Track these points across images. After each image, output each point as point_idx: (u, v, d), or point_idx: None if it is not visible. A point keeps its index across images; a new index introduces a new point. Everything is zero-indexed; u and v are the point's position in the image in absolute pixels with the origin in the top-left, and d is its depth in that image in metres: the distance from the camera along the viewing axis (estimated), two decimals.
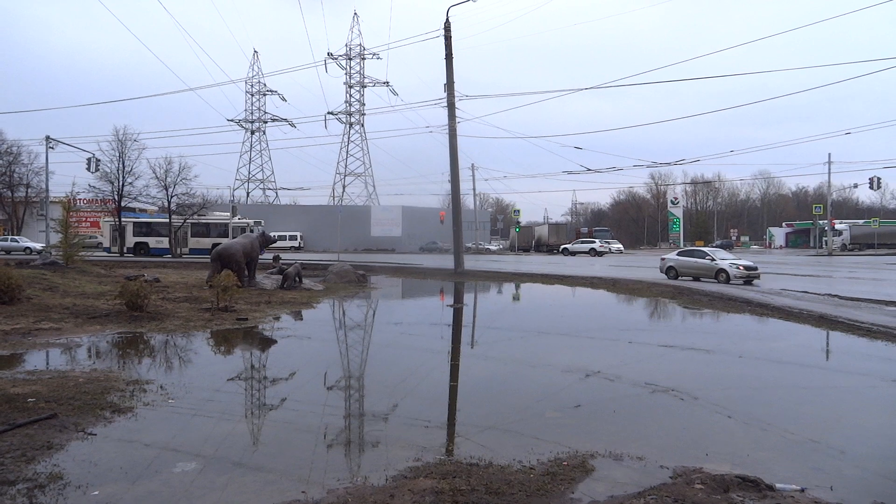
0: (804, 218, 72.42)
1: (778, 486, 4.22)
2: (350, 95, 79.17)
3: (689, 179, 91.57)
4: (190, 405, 6.51)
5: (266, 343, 10.99)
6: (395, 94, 76.24)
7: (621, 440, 5.33)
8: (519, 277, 26.16)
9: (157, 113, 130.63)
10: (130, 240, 40.05)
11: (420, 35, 56.18)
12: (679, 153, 78.06)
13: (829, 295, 17.02)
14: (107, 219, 42.67)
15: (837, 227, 58.82)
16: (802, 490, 4.21)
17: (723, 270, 21.29)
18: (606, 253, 51.90)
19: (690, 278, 22.29)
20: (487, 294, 21.72)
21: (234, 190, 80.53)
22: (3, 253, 38.23)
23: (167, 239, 39.35)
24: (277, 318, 13.35)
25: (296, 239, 57.66)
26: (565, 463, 4.72)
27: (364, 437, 5.68)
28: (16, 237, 46.32)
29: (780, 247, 71.68)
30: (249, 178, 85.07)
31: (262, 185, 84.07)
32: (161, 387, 7.13)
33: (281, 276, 19.82)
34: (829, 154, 52.47)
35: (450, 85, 27.19)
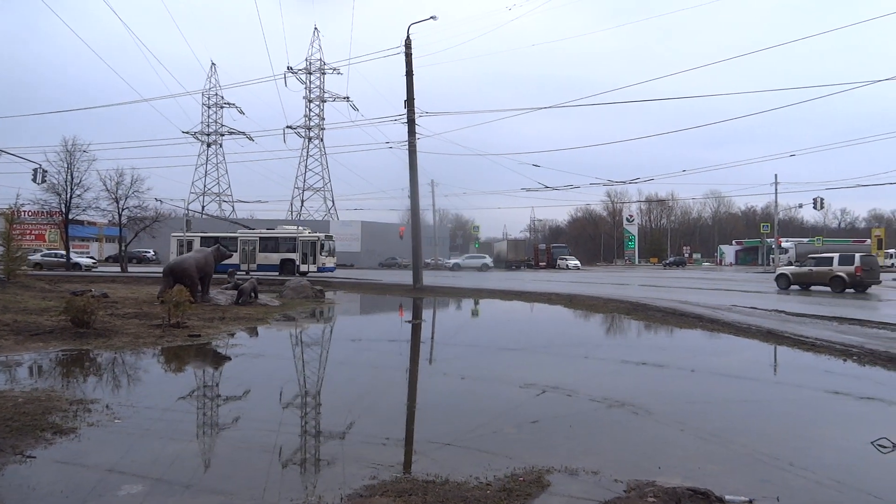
0: (753, 236, 74.94)
1: (727, 497, 4.32)
2: (309, 110, 78.92)
3: (643, 198, 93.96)
4: (138, 425, 6.29)
5: (219, 360, 10.72)
6: (356, 109, 76.19)
7: (577, 455, 5.36)
8: (478, 293, 26.25)
9: (110, 125, 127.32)
10: None
11: (381, 51, 56.57)
12: (634, 172, 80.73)
13: (777, 311, 17.60)
14: (175, 234, 40.33)
15: (784, 245, 61.02)
16: (751, 501, 4.31)
17: None
18: (492, 269, 55.41)
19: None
20: (446, 310, 21.72)
21: (188, 203, 78.80)
22: None
23: (234, 254, 37.23)
24: (232, 335, 13.06)
25: None
26: (521, 479, 4.73)
27: (320, 455, 5.57)
28: None
29: (731, 264, 73.95)
30: (205, 192, 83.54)
31: (218, 199, 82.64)
32: (107, 406, 6.87)
33: (236, 292, 19.43)
34: (776, 175, 54.78)
35: (410, 101, 27.32)
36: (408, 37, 27.24)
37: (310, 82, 78.96)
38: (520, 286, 29.71)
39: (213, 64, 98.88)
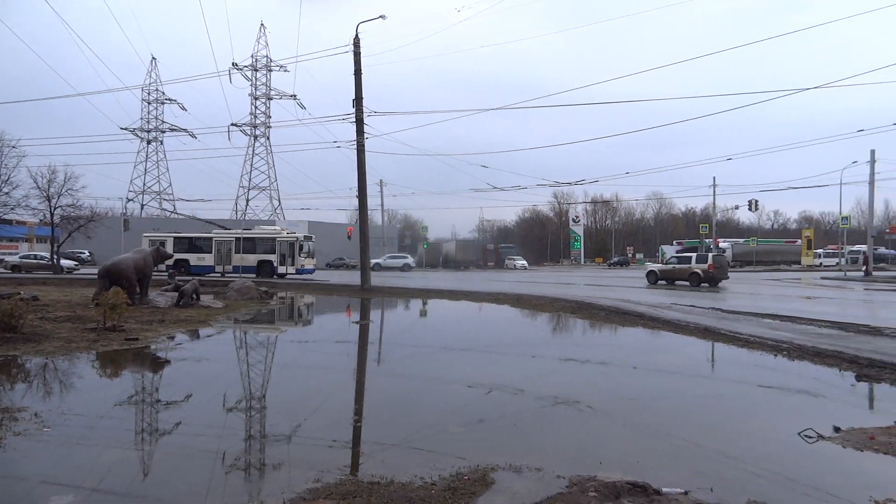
0: (692, 236, 77.45)
1: (664, 490, 4.47)
2: (255, 107, 77.33)
3: (589, 199, 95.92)
4: (70, 434, 6.03)
5: (159, 364, 10.39)
6: (303, 107, 75.19)
7: (522, 453, 5.44)
8: (426, 294, 26.27)
9: (42, 120, 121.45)
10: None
11: (329, 49, 55.95)
12: (580, 174, 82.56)
13: (714, 308, 18.28)
14: (147, 234, 38.21)
15: (721, 245, 63.35)
16: (686, 493, 4.47)
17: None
18: (413, 269, 55.37)
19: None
20: (394, 310, 21.66)
21: (126, 202, 76.12)
22: None
23: (210, 255, 35.94)
24: (172, 338, 12.67)
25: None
26: (466, 477, 4.77)
27: (264, 459, 5.48)
28: None
29: None
30: (144, 190, 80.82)
31: (158, 198, 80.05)
32: (36, 414, 6.57)
33: (177, 294, 18.86)
34: (714, 178, 56.75)
35: (358, 101, 27.13)
36: (356, 35, 27.04)
37: (255, 79, 77.39)
38: (468, 286, 29.89)
39: (153, 58, 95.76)
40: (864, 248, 49.01)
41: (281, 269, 35.22)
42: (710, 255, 32.06)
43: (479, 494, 4.45)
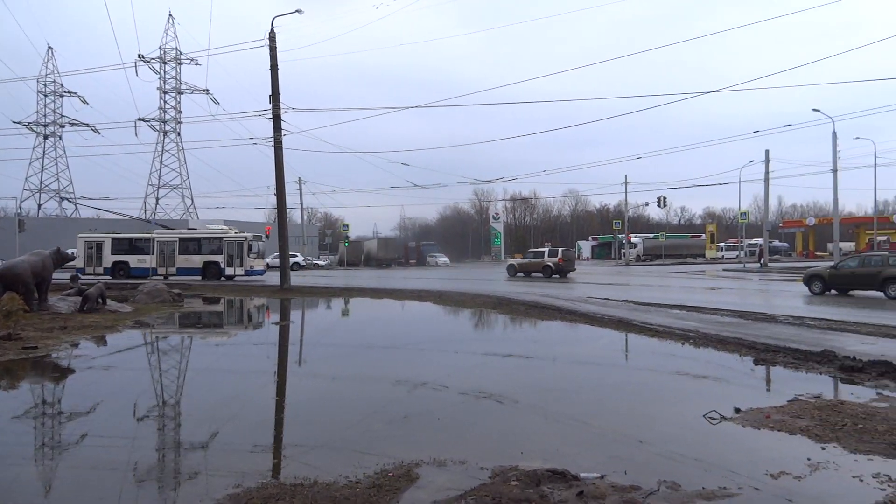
0: (606, 232, 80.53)
1: (582, 475, 4.65)
2: (164, 102, 73.76)
3: (508, 196, 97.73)
4: None
5: (61, 374, 9.76)
6: (216, 102, 72.13)
7: (446, 447, 5.51)
8: (348, 292, 26.00)
9: None
10: (108, 258, 33.21)
11: (243, 43, 54.20)
12: (500, 172, 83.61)
13: (627, 301, 19.10)
14: (83, 234, 34.77)
15: (633, 240, 66.18)
16: (602, 477, 4.68)
17: None
18: (303, 267, 52.14)
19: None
20: (315, 310, 21.31)
21: (21, 201, 70.79)
22: None
23: (152, 257, 33.13)
24: (75, 346, 11.94)
25: None
26: (391, 474, 4.78)
27: (180, 468, 5.27)
28: None
29: (587, 258, 78.99)
30: (42, 188, 75.58)
31: (57, 196, 75.01)
32: None
33: (80, 298, 17.76)
34: (626, 176, 59.26)
35: (275, 96, 26.46)
36: (272, 29, 26.34)
37: (164, 72, 73.76)
38: (390, 284, 29.82)
39: (49, 48, 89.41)
40: (760, 241, 52.54)
41: (228, 271, 32.84)
42: (560, 249, 35.65)
43: (403, 490, 4.48)
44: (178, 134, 74.55)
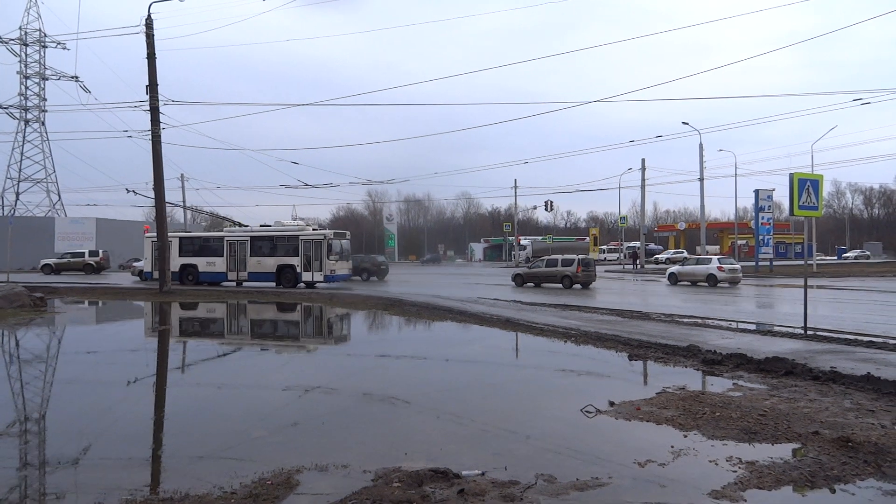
0: (498, 235, 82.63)
1: (464, 473, 4.74)
2: (26, 87, 67.18)
3: (402, 198, 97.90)
4: None
5: None
6: (87, 91, 66.26)
7: (330, 452, 5.42)
8: (233, 295, 24.94)
9: None
10: (176, 261, 27.74)
11: (117, 28, 50.53)
12: (393, 173, 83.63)
13: (515, 301, 19.70)
14: (149, 234, 29.36)
15: (523, 242, 68.42)
16: (483, 473, 4.78)
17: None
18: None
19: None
20: (198, 314, 20.26)
21: None
22: None
23: (220, 259, 27.98)
24: None
25: None
26: (269, 482, 4.63)
27: (45, 487, 4.85)
28: None
29: (480, 260, 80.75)
30: None
31: None
32: None
33: None
34: (515, 180, 61.17)
35: (153, 87, 24.89)
36: (149, 16, 24.75)
37: (26, 55, 67.30)
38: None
39: None
40: (637, 244, 56.01)
41: (306, 276, 27.05)
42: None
43: (282, 498, 4.36)
44: (43, 123, 68.17)
